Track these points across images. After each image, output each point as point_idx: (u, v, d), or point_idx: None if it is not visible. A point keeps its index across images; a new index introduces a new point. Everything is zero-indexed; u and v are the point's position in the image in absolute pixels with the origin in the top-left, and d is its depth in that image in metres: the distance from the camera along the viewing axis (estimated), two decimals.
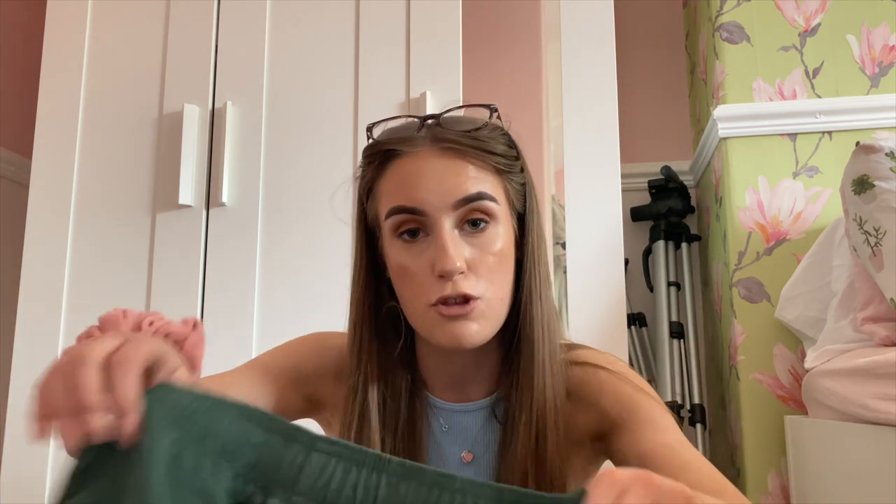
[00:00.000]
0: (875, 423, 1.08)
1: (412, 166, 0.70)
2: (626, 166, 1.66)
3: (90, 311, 1.48)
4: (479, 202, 0.69)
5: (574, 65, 1.50)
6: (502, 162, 0.72)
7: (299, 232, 1.46)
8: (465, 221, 0.70)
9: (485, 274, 0.70)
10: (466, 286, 0.68)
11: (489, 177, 0.71)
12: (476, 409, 0.77)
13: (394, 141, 0.72)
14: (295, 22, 1.54)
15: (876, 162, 1.19)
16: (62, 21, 1.59)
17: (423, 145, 0.71)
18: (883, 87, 1.59)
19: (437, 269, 0.68)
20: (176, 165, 1.48)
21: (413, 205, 0.69)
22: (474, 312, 0.69)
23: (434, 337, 0.71)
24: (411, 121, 0.74)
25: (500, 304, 0.71)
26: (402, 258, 0.70)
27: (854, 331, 1.27)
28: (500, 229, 0.71)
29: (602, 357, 0.77)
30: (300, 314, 1.43)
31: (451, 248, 0.68)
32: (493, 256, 0.70)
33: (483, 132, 0.72)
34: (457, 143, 0.70)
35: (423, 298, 0.69)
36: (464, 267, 0.68)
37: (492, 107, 0.74)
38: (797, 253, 1.53)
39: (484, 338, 0.70)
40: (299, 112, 1.51)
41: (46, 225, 1.52)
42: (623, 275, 1.42)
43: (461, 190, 0.69)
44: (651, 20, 2.12)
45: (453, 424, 0.77)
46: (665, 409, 0.73)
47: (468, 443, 0.77)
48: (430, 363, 0.78)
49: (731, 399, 1.60)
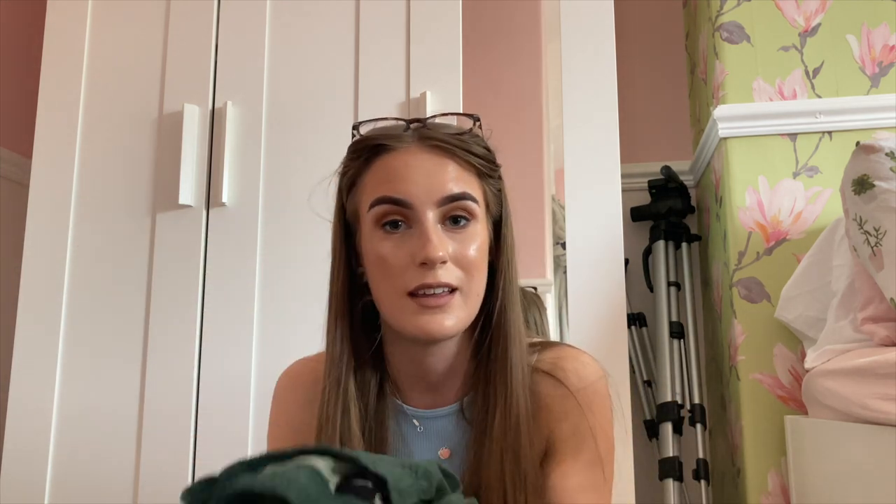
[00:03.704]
0: (875, 423, 1.08)
1: (399, 160, 0.73)
2: (626, 166, 1.66)
3: (90, 311, 1.49)
4: (463, 201, 0.72)
5: (574, 64, 1.50)
6: (484, 165, 0.76)
7: (299, 232, 1.46)
8: (448, 218, 0.72)
9: (464, 266, 0.72)
10: (447, 276, 0.70)
11: (471, 178, 0.75)
12: (449, 412, 0.78)
13: (382, 137, 0.75)
14: (295, 22, 1.54)
15: (876, 162, 1.19)
16: (62, 21, 1.59)
17: (411, 142, 0.74)
18: (883, 87, 1.59)
19: (420, 257, 0.69)
20: (176, 165, 1.48)
21: (399, 196, 0.71)
22: (452, 303, 0.71)
23: (406, 328, 0.72)
24: (397, 123, 0.76)
25: (475, 299, 0.74)
26: (383, 248, 0.72)
27: (854, 331, 1.27)
28: (479, 228, 0.74)
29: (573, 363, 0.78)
30: (300, 314, 1.43)
31: (434, 237, 0.70)
32: (473, 251, 0.72)
33: (466, 136, 0.75)
34: (443, 143, 0.73)
35: (401, 286, 0.71)
36: (446, 257, 0.70)
37: (474, 116, 0.78)
38: (797, 253, 1.53)
39: (455, 332, 0.72)
40: (299, 112, 1.51)
41: (46, 225, 1.52)
42: (623, 275, 1.42)
43: (447, 187, 0.72)
44: (651, 20, 2.12)
45: (429, 428, 0.78)
46: (608, 452, 0.76)
47: (444, 441, 0.78)
48: (400, 365, 0.79)
49: (731, 399, 1.60)
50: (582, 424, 0.75)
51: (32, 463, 1.42)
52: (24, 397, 1.45)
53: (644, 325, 1.92)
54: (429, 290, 0.70)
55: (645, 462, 1.78)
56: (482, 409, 0.75)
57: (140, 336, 1.46)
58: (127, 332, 1.46)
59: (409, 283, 0.70)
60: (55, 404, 1.45)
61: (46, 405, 1.44)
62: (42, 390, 1.45)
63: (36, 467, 1.42)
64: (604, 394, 0.77)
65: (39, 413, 1.44)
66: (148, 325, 1.46)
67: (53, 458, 1.43)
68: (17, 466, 1.42)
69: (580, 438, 0.75)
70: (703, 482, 1.64)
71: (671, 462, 1.65)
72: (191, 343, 1.44)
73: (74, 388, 1.45)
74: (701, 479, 1.64)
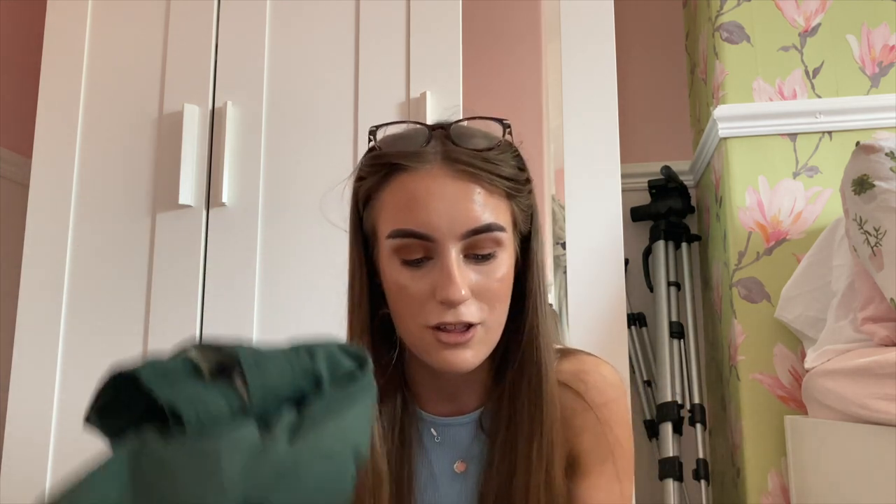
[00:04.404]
0: (875, 423, 1.08)
1: (420, 185, 0.67)
2: (626, 166, 1.66)
3: (90, 311, 1.49)
4: (489, 234, 0.67)
5: (574, 64, 1.50)
6: (512, 186, 0.70)
7: (299, 232, 1.46)
8: (472, 250, 0.68)
9: (487, 300, 0.68)
10: (468, 314, 0.67)
11: (499, 201, 0.69)
12: (468, 421, 0.77)
13: (401, 155, 0.68)
14: (295, 22, 1.54)
15: (876, 162, 1.19)
16: (62, 21, 1.59)
17: (433, 162, 0.67)
18: (883, 87, 1.59)
19: (440, 296, 0.66)
20: (176, 165, 1.48)
21: (421, 230, 0.66)
22: (473, 340, 0.68)
23: (427, 359, 0.70)
24: (419, 130, 0.70)
25: (497, 328, 0.71)
26: (402, 278, 0.68)
27: (854, 331, 1.27)
28: (505, 256, 0.70)
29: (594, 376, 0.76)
30: (300, 314, 1.43)
31: (457, 276, 0.66)
32: (497, 283, 0.69)
33: (495, 152, 0.69)
34: (468, 166, 0.67)
35: (421, 320, 0.68)
36: (468, 295, 0.67)
37: (504, 122, 0.71)
38: (797, 253, 1.53)
39: (478, 363, 0.70)
40: (299, 112, 1.51)
41: (46, 225, 1.52)
42: (623, 275, 1.42)
43: (471, 219, 0.66)
44: (651, 20, 2.12)
45: (446, 437, 0.77)
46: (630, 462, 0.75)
47: (460, 453, 0.77)
48: (420, 377, 0.78)
49: (731, 399, 1.60)
50: (602, 439, 0.73)
51: (32, 463, 1.42)
52: (24, 397, 1.45)
53: (644, 325, 1.92)
54: (450, 326, 0.67)
55: (645, 462, 1.78)
56: (505, 423, 0.73)
57: (140, 336, 1.46)
58: (127, 331, 1.46)
59: (430, 318, 0.67)
60: (55, 404, 1.45)
61: (46, 405, 1.44)
62: (42, 390, 1.45)
63: (36, 467, 1.42)
64: (624, 409, 0.76)
65: (39, 413, 1.44)
66: (148, 324, 1.46)
67: (53, 458, 1.43)
68: (17, 466, 1.42)
69: (600, 453, 0.73)
70: (703, 482, 1.64)
71: (671, 462, 1.65)
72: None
73: (74, 388, 1.45)
74: (701, 479, 1.64)
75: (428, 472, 0.76)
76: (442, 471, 0.77)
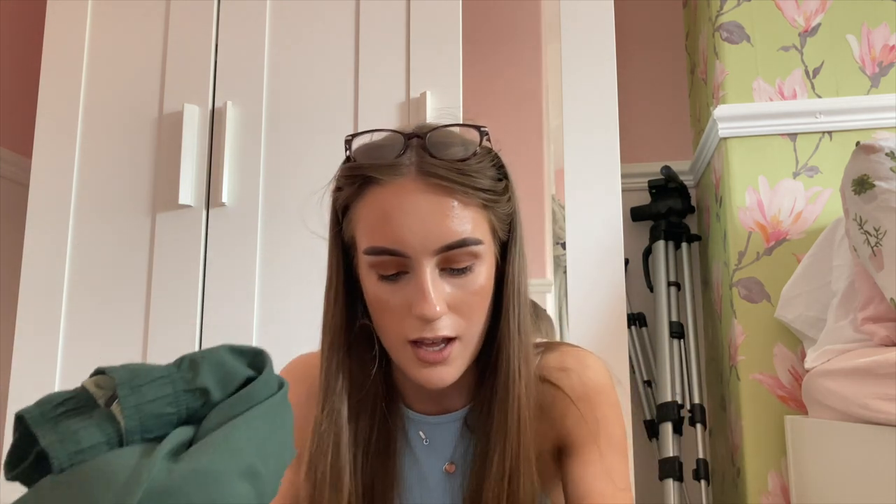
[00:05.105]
0: (875, 423, 1.08)
1: (393, 200, 0.66)
2: (626, 166, 1.66)
3: (90, 311, 1.49)
4: (465, 248, 0.66)
5: (574, 64, 1.50)
6: (489, 197, 0.68)
7: (299, 232, 1.46)
8: (449, 264, 0.67)
9: (465, 312, 0.68)
10: (445, 328, 0.67)
11: (475, 214, 0.67)
12: (454, 420, 0.77)
13: (375, 168, 0.67)
14: (295, 22, 1.54)
15: (876, 162, 1.19)
16: (62, 21, 1.59)
17: (406, 175, 0.66)
18: (883, 87, 1.59)
19: (415, 312, 0.65)
20: (176, 165, 1.48)
21: (394, 247, 0.65)
22: (452, 354, 0.68)
23: (408, 374, 0.70)
24: (394, 138, 0.69)
25: (476, 339, 0.70)
26: (380, 292, 0.68)
27: (854, 331, 1.27)
28: (482, 268, 0.69)
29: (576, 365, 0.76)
30: (300, 314, 1.43)
31: (431, 292, 0.65)
32: (473, 296, 0.68)
33: (472, 162, 0.67)
34: (443, 179, 0.65)
35: (400, 334, 0.68)
36: (444, 310, 0.66)
37: (482, 129, 0.69)
38: (797, 253, 1.53)
39: (457, 376, 0.70)
40: (299, 112, 1.51)
41: (46, 225, 1.52)
42: (623, 275, 1.42)
43: (446, 234, 0.65)
44: (651, 20, 2.12)
45: (434, 438, 0.77)
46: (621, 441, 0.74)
47: (449, 454, 0.77)
48: (403, 378, 0.77)
49: (731, 399, 1.60)
50: (586, 418, 0.73)
51: None
52: (24, 397, 1.45)
53: (644, 325, 1.92)
54: (427, 341, 0.67)
55: (645, 462, 1.78)
56: (483, 420, 0.73)
57: (140, 335, 1.46)
58: (127, 331, 1.46)
59: (409, 332, 0.67)
60: None
61: None
62: (42, 390, 1.45)
63: None
64: (608, 391, 0.75)
65: None
66: (148, 324, 1.46)
67: None
68: None
69: (585, 433, 0.73)
70: (703, 482, 1.64)
71: (671, 462, 1.65)
72: (191, 343, 1.44)
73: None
74: (701, 479, 1.64)
75: (417, 474, 0.76)
76: (431, 472, 0.76)
